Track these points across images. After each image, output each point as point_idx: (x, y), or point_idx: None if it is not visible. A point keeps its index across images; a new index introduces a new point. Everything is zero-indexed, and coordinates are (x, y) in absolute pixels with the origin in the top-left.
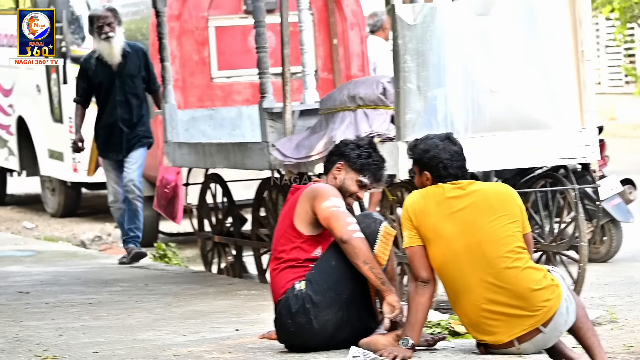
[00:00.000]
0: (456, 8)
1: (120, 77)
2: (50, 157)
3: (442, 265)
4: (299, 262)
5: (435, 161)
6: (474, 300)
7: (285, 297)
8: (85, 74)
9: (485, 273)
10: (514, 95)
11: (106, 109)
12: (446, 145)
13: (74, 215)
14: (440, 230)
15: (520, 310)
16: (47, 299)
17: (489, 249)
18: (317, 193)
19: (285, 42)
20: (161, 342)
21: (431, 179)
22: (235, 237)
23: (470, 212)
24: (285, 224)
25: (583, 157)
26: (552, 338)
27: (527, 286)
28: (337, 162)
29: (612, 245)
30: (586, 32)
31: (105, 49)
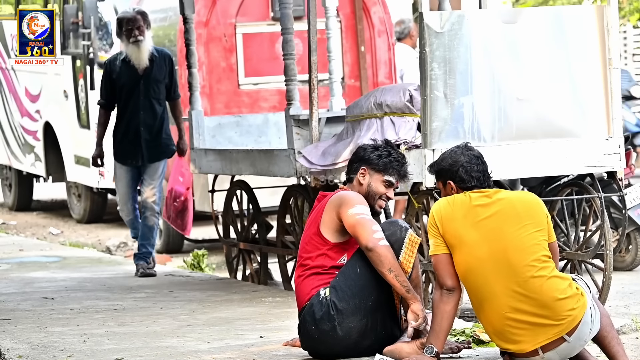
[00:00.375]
0: (484, 16)
1: (145, 81)
2: (77, 163)
3: (466, 272)
4: (325, 269)
5: (456, 166)
6: (498, 308)
7: (310, 304)
8: (109, 75)
9: (510, 281)
10: (541, 103)
11: (127, 113)
12: (464, 151)
13: (100, 221)
14: (465, 237)
15: (545, 319)
16: (72, 305)
17: (514, 258)
18: (343, 200)
19: (313, 49)
20: (185, 349)
21: (456, 187)
22: (261, 244)
23: (497, 220)
24: (311, 231)
25: (609, 165)
26: (577, 347)
27: (552, 295)
28: (359, 168)
29: (637, 253)
30: (613, 40)
31: (134, 53)
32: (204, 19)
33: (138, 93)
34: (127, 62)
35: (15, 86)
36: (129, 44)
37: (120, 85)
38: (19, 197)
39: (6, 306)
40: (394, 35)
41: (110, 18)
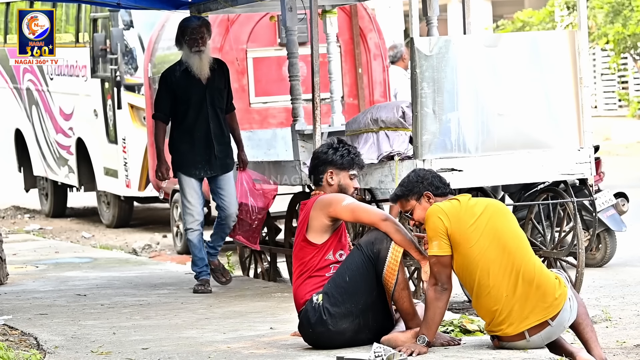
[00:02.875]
0: (468, 41)
1: (210, 91)
2: (106, 174)
3: (469, 265)
4: (316, 270)
5: (427, 177)
6: (497, 293)
7: (305, 309)
8: (169, 87)
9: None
10: (519, 118)
11: (194, 124)
12: (416, 170)
13: (127, 226)
14: (469, 234)
15: (538, 301)
16: (102, 300)
17: (514, 245)
18: (330, 200)
19: (316, 71)
20: (204, 339)
21: (433, 197)
22: (270, 246)
23: (489, 216)
24: (299, 239)
25: (581, 173)
26: (557, 332)
27: (545, 280)
28: (325, 171)
29: (607, 252)
30: (584, 61)
31: (195, 62)
32: (219, 45)
33: (204, 103)
34: (188, 72)
35: (51, 106)
36: (190, 53)
37: (183, 95)
38: (55, 205)
39: (44, 302)
40: (388, 58)
41: (135, 45)
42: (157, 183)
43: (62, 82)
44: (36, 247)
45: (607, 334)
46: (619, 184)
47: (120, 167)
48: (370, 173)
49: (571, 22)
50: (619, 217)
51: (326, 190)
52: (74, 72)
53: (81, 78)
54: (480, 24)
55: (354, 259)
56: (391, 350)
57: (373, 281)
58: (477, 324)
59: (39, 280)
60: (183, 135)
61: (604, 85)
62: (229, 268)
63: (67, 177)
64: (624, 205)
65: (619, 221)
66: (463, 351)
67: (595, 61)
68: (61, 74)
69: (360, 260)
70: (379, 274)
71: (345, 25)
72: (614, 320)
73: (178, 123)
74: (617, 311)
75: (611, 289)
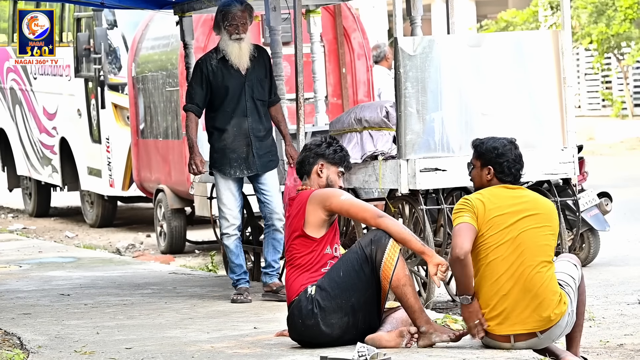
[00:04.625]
0: (452, 40)
1: (249, 82)
2: (90, 174)
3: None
4: (314, 264)
5: (503, 159)
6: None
7: (298, 299)
8: (204, 76)
9: (518, 271)
10: (503, 117)
11: (232, 118)
12: (512, 147)
13: (110, 225)
14: (494, 221)
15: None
16: (86, 300)
17: (528, 251)
18: (326, 195)
19: (299, 70)
20: (187, 339)
21: (492, 174)
22: (254, 245)
23: (521, 214)
24: (296, 234)
25: (564, 173)
26: (544, 343)
27: (547, 295)
28: (315, 163)
29: (590, 251)
30: (567, 61)
31: (234, 51)
32: (202, 45)
33: (243, 95)
34: (225, 60)
35: (34, 106)
36: (229, 41)
37: (220, 86)
38: (38, 205)
39: (27, 302)
40: (371, 58)
41: (119, 44)
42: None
43: (46, 81)
44: (19, 246)
45: (590, 334)
46: (603, 184)
47: (103, 166)
48: (354, 173)
49: (555, 22)
50: (603, 217)
51: (314, 184)
52: (58, 72)
53: (65, 77)
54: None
55: (351, 255)
56: (375, 350)
57: (368, 281)
58: (460, 323)
59: (22, 280)
60: (218, 130)
61: (587, 85)
62: (212, 268)
63: (51, 177)
64: (607, 205)
65: (602, 221)
66: (447, 350)
67: (578, 61)
68: (45, 74)
69: (357, 258)
70: (376, 273)
71: (329, 25)
72: (597, 320)
73: (213, 117)
74: (601, 311)
75: (595, 289)
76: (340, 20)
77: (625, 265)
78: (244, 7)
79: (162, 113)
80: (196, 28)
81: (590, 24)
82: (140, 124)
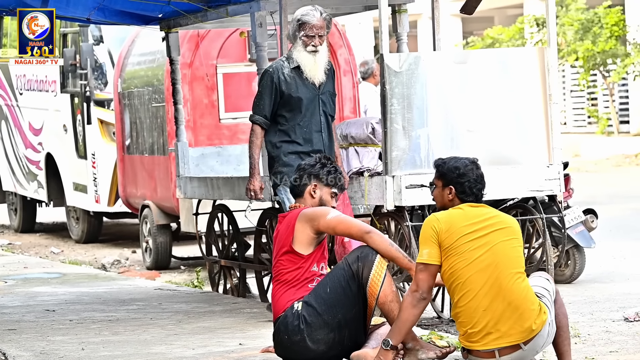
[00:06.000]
0: (438, 57)
1: (323, 96)
2: (75, 190)
3: (455, 274)
4: (300, 280)
5: (464, 179)
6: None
7: (285, 315)
8: (274, 86)
9: (494, 286)
10: (489, 134)
11: (305, 133)
12: (473, 167)
13: (96, 241)
14: (461, 243)
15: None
16: (71, 316)
17: (503, 265)
18: (314, 214)
19: None
20: (173, 355)
21: (454, 194)
22: (240, 261)
23: (489, 229)
24: (284, 250)
25: (550, 189)
26: (529, 355)
27: (527, 305)
28: (309, 183)
29: (576, 268)
30: (553, 78)
31: (309, 64)
32: (189, 61)
33: (317, 109)
34: (299, 70)
35: (20, 121)
36: (303, 52)
37: (293, 97)
38: (24, 220)
39: (12, 318)
40: (358, 74)
41: (105, 60)
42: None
43: (32, 97)
44: (5, 262)
45: (576, 350)
46: (588, 201)
47: (89, 182)
48: None
49: (541, 39)
50: (588, 234)
51: (307, 203)
52: (44, 87)
53: (51, 93)
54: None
55: (338, 271)
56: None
57: (354, 297)
58: (446, 340)
59: (7, 296)
60: (289, 145)
61: (573, 102)
62: (198, 284)
63: (37, 192)
64: (593, 222)
65: (588, 238)
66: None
67: (564, 78)
68: (30, 89)
69: (343, 274)
70: (362, 289)
71: None
72: (582, 337)
73: (283, 130)
74: (586, 327)
75: (580, 305)
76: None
77: (611, 282)
78: (322, 17)
79: (148, 129)
80: (182, 44)
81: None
82: (126, 139)
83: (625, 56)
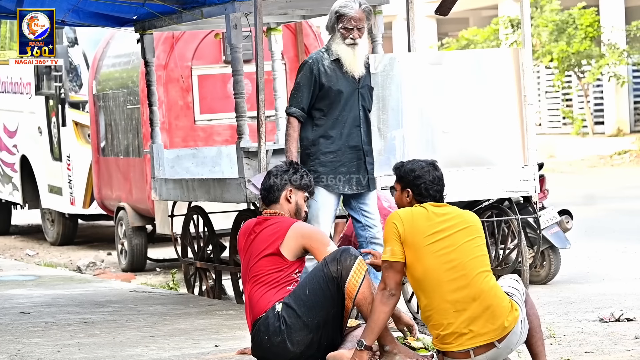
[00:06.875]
0: (413, 58)
1: (362, 90)
2: (50, 192)
3: (423, 276)
4: (281, 283)
5: (420, 181)
6: (447, 309)
7: (266, 316)
8: (314, 77)
9: (463, 285)
10: (464, 135)
11: (344, 127)
12: (430, 169)
13: (71, 243)
14: (425, 244)
15: (486, 321)
16: (47, 318)
17: (469, 264)
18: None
19: (260, 88)
20: (148, 357)
21: (412, 196)
22: (215, 263)
23: (452, 230)
24: (267, 252)
25: (525, 190)
26: (504, 354)
27: (497, 302)
28: (284, 189)
29: (551, 269)
30: (528, 79)
31: (348, 57)
32: (163, 63)
33: (357, 103)
34: (339, 63)
35: None
36: (342, 45)
37: (333, 90)
38: None
39: None
40: None
41: (80, 62)
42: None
43: (6, 99)
44: None
45: (551, 351)
46: (563, 202)
47: (64, 184)
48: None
49: (515, 40)
50: (563, 235)
51: (283, 209)
52: (18, 89)
53: (25, 95)
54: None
55: (318, 273)
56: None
57: (333, 299)
58: (422, 341)
59: None
60: (327, 140)
61: (548, 103)
62: (173, 286)
63: (12, 195)
64: (568, 223)
65: (563, 238)
66: None
67: (539, 79)
68: (5, 91)
69: (322, 276)
70: (341, 291)
71: (290, 42)
72: (558, 337)
73: (320, 125)
74: (562, 328)
75: (555, 306)
76: (301, 37)
77: (586, 283)
78: (361, 9)
79: (123, 131)
80: (157, 46)
81: (551, 42)
82: (101, 141)
83: (599, 57)
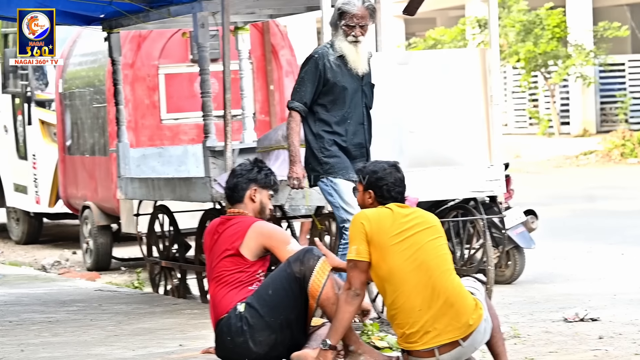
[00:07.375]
0: (380, 58)
1: (365, 87)
2: (15, 191)
3: (388, 276)
4: (243, 282)
5: (382, 183)
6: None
7: (228, 316)
8: (319, 72)
9: (427, 284)
10: (430, 135)
11: (350, 124)
12: (392, 171)
13: (36, 242)
14: (391, 243)
15: (451, 319)
16: (10, 317)
17: (433, 263)
18: (274, 236)
19: (227, 87)
20: (112, 357)
21: (373, 197)
22: (180, 262)
23: (416, 229)
24: (229, 252)
25: (491, 190)
26: (468, 352)
27: (461, 300)
28: (248, 188)
29: (516, 269)
30: (494, 79)
31: (351, 54)
32: (130, 61)
33: (360, 100)
34: (343, 59)
35: None
36: (344, 42)
37: (338, 86)
38: None
39: None
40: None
41: None
42: None
43: None
44: None
45: (515, 351)
46: (529, 202)
47: (30, 183)
48: (280, 190)
49: (482, 40)
50: (528, 235)
51: (247, 208)
52: None
53: None
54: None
55: (281, 273)
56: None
57: (296, 299)
58: (386, 340)
59: None
60: (331, 135)
61: (514, 103)
62: (138, 285)
63: None
64: (533, 223)
65: (528, 238)
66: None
67: (506, 79)
68: None
69: (285, 276)
70: (304, 291)
71: (257, 42)
72: (522, 337)
73: (324, 119)
74: (526, 328)
75: (520, 306)
76: (268, 37)
77: (551, 283)
78: (364, 7)
79: (89, 129)
80: (124, 44)
81: (518, 42)
82: (67, 140)
83: (566, 58)
